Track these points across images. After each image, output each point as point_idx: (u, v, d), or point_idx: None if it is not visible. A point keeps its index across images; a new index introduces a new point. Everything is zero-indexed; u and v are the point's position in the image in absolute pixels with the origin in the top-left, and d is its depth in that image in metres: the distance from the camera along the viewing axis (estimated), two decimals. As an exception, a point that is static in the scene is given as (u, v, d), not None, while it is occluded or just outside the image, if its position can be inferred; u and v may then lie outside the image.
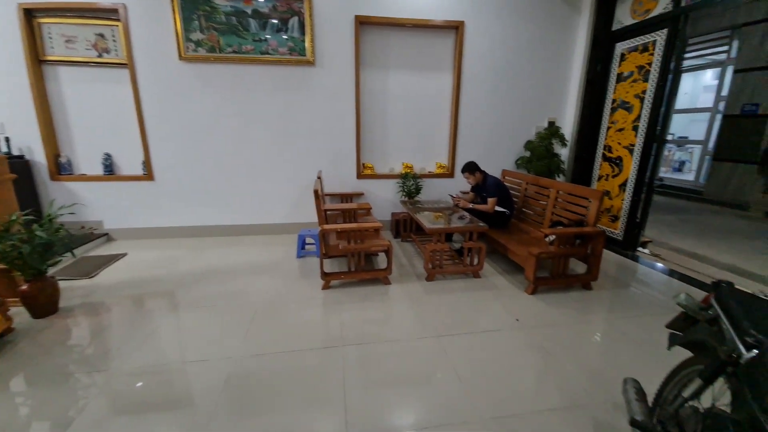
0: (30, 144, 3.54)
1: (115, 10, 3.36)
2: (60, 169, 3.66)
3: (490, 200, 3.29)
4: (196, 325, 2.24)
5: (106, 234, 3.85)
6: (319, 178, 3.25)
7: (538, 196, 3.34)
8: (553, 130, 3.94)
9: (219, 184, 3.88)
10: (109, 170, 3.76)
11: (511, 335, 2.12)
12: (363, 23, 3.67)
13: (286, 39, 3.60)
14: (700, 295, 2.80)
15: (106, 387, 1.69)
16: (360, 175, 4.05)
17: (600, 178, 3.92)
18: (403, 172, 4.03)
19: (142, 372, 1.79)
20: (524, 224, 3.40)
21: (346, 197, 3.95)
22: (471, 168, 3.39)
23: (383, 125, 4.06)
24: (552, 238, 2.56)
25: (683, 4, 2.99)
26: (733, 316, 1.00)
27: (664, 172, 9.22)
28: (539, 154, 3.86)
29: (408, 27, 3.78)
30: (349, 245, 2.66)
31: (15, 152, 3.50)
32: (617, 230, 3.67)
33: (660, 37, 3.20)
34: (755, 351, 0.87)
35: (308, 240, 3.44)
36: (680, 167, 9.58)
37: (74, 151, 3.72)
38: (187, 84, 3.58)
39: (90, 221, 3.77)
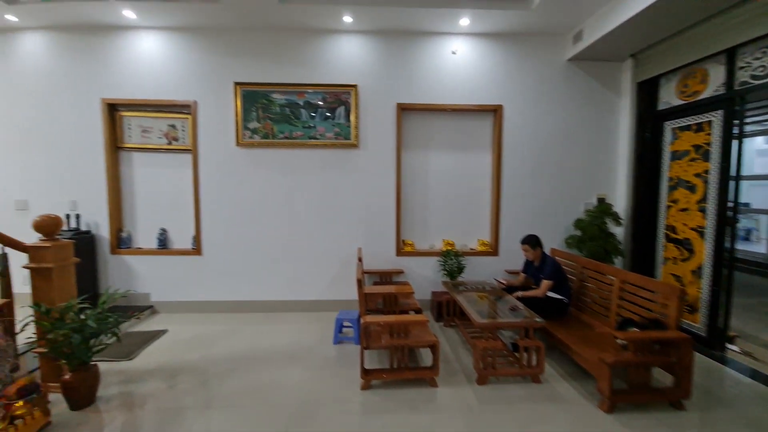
0: (98, 220, 3.86)
1: (187, 105, 3.82)
2: (120, 243, 3.91)
3: (545, 283, 3.00)
4: (225, 430, 2.06)
5: (151, 306, 3.93)
6: (360, 259, 3.19)
7: (597, 284, 3.03)
8: (604, 208, 3.72)
9: (259, 259, 3.94)
10: (163, 244, 3.96)
11: (593, 474, 1.73)
12: (404, 109, 3.89)
13: (333, 125, 3.86)
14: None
15: None
16: (399, 252, 3.96)
17: (666, 260, 3.55)
18: (444, 249, 3.90)
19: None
20: (584, 315, 3.05)
21: (385, 275, 3.84)
22: (532, 242, 3.16)
23: (424, 202, 4.06)
24: (624, 342, 2.23)
25: (735, 87, 2.89)
26: None
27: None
28: (592, 234, 3.61)
29: (447, 111, 3.95)
30: (393, 339, 2.47)
31: (83, 227, 3.81)
32: (697, 323, 3.18)
33: (716, 117, 3.06)
34: None
35: (345, 323, 3.27)
36: (747, 236, 8.68)
37: (135, 227, 4.00)
38: (241, 167, 3.86)
39: (139, 293, 3.89)
